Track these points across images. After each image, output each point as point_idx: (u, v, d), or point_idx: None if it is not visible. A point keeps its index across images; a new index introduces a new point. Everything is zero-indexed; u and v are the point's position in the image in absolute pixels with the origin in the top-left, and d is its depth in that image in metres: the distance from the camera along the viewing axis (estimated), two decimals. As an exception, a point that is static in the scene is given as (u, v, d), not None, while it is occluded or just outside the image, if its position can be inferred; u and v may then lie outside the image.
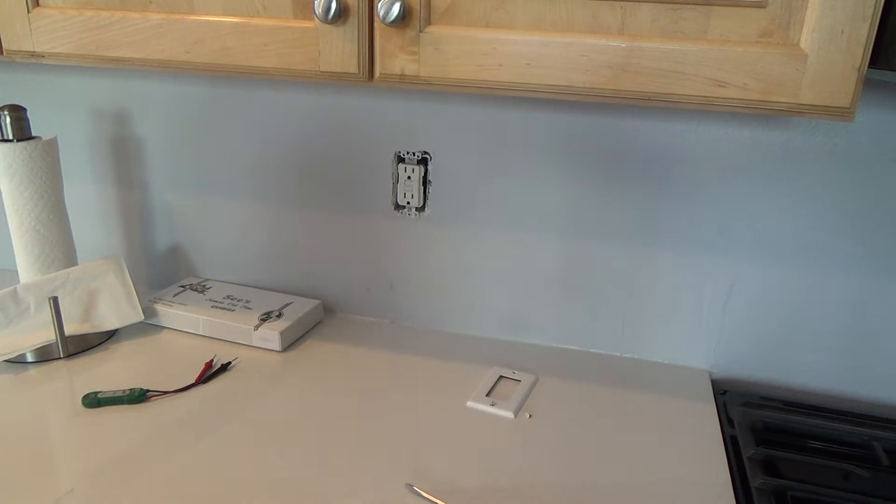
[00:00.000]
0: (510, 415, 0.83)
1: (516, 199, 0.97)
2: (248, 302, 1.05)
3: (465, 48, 0.62)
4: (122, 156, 1.11)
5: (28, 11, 0.72)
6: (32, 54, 0.74)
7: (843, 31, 0.53)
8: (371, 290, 1.08)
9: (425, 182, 1.00)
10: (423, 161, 0.99)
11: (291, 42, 0.66)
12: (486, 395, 0.87)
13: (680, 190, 0.90)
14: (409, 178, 1.00)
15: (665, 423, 0.84)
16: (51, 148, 0.94)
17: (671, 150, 0.89)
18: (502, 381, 0.91)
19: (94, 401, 0.84)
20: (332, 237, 1.06)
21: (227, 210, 1.09)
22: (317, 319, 1.07)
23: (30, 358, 0.94)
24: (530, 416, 0.84)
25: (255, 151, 1.05)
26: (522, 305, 1.01)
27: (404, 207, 1.02)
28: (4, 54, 0.74)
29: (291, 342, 1.00)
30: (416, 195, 1.01)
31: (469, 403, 0.86)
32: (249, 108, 1.03)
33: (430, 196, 1.01)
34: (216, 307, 1.02)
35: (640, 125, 0.89)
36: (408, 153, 1.00)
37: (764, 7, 0.55)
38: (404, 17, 0.62)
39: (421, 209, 1.02)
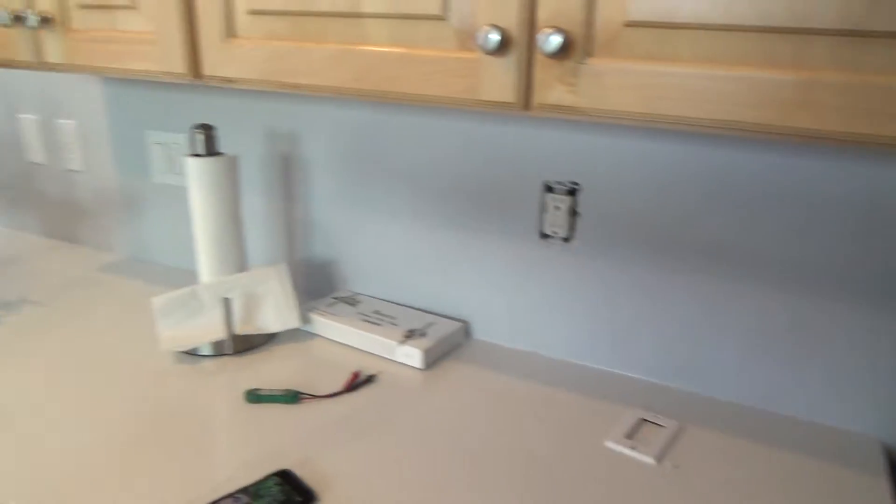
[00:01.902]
0: (651, 461, 0.79)
1: (669, 237, 0.93)
2: (394, 318, 1.09)
3: (625, 80, 0.61)
4: (290, 172, 1.20)
5: (224, 42, 0.80)
6: (225, 79, 0.82)
7: None
8: (513, 318, 1.08)
9: (573, 213, 0.99)
10: (572, 192, 0.98)
11: (454, 72, 0.69)
12: (627, 437, 0.84)
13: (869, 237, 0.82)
14: (556, 207, 1.00)
15: (828, 497, 0.76)
16: (233, 163, 1.04)
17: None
18: (644, 425, 0.87)
19: (254, 397, 0.91)
20: (478, 261, 1.08)
21: (381, 228, 1.15)
22: (459, 341, 1.08)
23: (203, 351, 1.04)
24: (676, 466, 0.79)
25: (410, 174, 1.09)
26: (668, 348, 0.97)
27: (550, 237, 1.02)
28: (203, 79, 0.84)
29: (433, 361, 1.02)
30: (563, 225, 1.00)
31: (608, 444, 0.83)
32: (406, 132, 1.07)
33: (577, 227, 0.99)
34: (365, 320, 1.07)
35: (822, 165, 0.82)
36: (557, 183, 0.99)
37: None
38: (565, 48, 0.62)
39: (567, 240, 1.00)
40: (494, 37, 0.64)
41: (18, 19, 0.91)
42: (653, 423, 0.87)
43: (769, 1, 0.54)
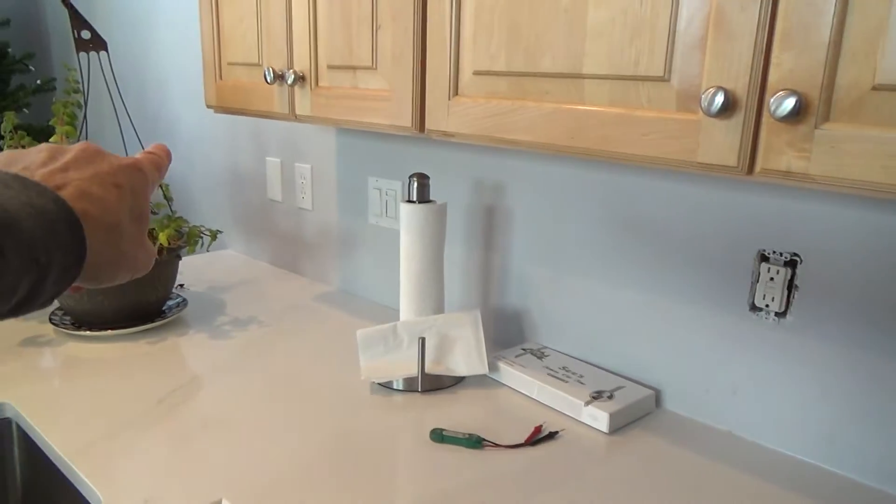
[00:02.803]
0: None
1: (910, 321, 0.81)
2: (581, 377, 1.07)
3: (867, 148, 0.56)
4: (492, 222, 1.25)
5: (449, 99, 0.87)
6: (446, 134, 0.89)
7: None
8: (710, 392, 1.01)
9: (790, 286, 0.91)
10: (792, 263, 0.91)
11: (671, 133, 0.68)
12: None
13: None
14: (771, 279, 0.92)
15: None
16: (442, 211, 1.11)
17: None
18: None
19: (439, 436, 0.94)
20: (677, 327, 1.03)
21: (575, 284, 1.14)
22: (647, 409, 1.03)
23: (396, 386, 1.10)
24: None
25: (609, 232, 1.08)
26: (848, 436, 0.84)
27: (761, 310, 0.94)
28: (425, 133, 0.91)
29: (619, 426, 0.98)
30: (777, 298, 0.92)
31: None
32: (608, 189, 1.07)
33: (794, 302, 0.91)
34: (551, 375, 1.07)
35: None
36: (773, 252, 0.92)
37: None
38: (799, 112, 0.59)
39: (782, 314, 0.92)
40: (720, 99, 0.62)
41: (278, 77, 1.06)
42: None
43: None
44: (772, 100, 0.59)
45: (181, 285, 1.53)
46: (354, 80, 0.98)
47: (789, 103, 0.59)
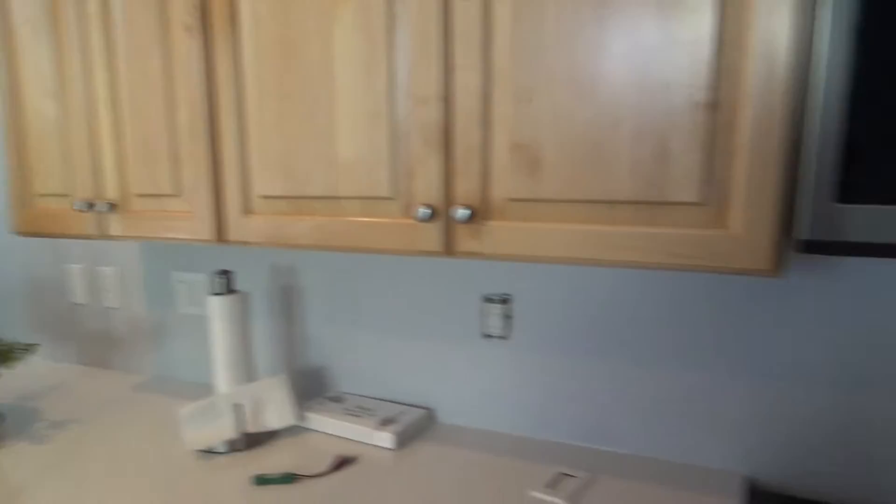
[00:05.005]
0: (564, 503, 1.07)
1: (584, 333, 1.24)
2: (372, 410, 1.38)
3: (511, 234, 0.95)
4: (290, 298, 1.52)
5: (244, 216, 1.15)
6: (243, 242, 1.16)
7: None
8: (469, 403, 1.37)
9: (507, 317, 1.31)
10: (505, 301, 1.31)
11: (400, 232, 1.02)
12: (548, 487, 1.11)
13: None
14: (493, 314, 1.32)
15: (692, 516, 1.04)
16: (246, 299, 1.36)
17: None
18: (563, 478, 1.15)
19: (260, 480, 1.18)
20: (438, 359, 1.38)
21: (360, 338, 1.46)
22: (425, 425, 1.37)
23: (221, 449, 1.31)
24: (580, 504, 1.07)
25: (378, 295, 1.42)
26: (585, 416, 1.26)
27: (491, 336, 1.33)
28: (226, 243, 1.17)
29: (404, 442, 1.30)
30: (499, 326, 1.32)
31: (533, 493, 1.10)
32: (373, 270, 1.41)
33: (512, 328, 1.31)
34: (349, 413, 1.36)
35: (687, 281, 1.16)
36: (492, 295, 1.32)
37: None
38: (471, 217, 0.97)
39: (505, 338, 1.32)
40: (426, 211, 0.98)
41: (90, 205, 1.25)
42: (570, 475, 1.15)
43: (602, 191, 0.89)
44: (455, 211, 0.96)
45: (-14, 399, 1.57)
46: (160, 204, 1.22)
47: (465, 213, 0.96)
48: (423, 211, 0.98)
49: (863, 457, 1.08)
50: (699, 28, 0.80)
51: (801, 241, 0.74)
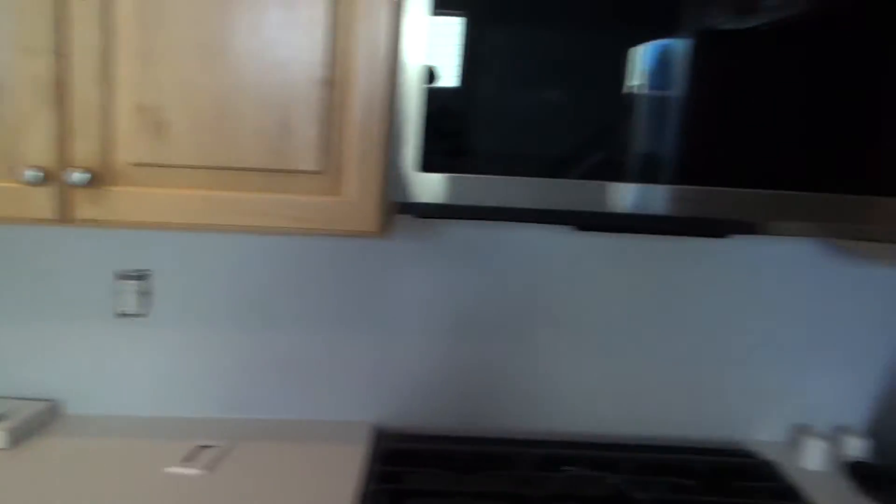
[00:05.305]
0: (200, 472, 1.08)
1: (226, 304, 1.25)
2: (-21, 410, 1.20)
3: (136, 201, 0.92)
4: None
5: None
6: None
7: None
8: (102, 389, 1.28)
9: (145, 294, 1.26)
10: (142, 276, 1.25)
11: (6, 197, 0.92)
12: (184, 461, 1.11)
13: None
14: (128, 291, 1.25)
15: (325, 462, 1.13)
16: None
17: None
18: (202, 450, 1.15)
19: None
20: (61, 344, 1.26)
21: (-38, 330, 1.25)
22: (46, 419, 1.23)
23: None
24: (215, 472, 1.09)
25: (-9, 278, 1.24)
26: (226, 389, 1.28)
27: (127, 315, 1.26)
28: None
29: (19, 439, 1.16)
30: (134, 304, 1.25)
31: (167, 469, 1.09)
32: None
33: (152, 305, 1.26)
34: (-54, 416, 1.16)
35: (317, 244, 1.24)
36: (128, 270, 1.25)
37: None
38: (90, 182, 0.91)
39: (142, 316, 1.26)
40: (36, 174, 0.90)
41: None
42: (208, 447, 1.16)
43: (230, 158, 0.92)
44: (72, 174, 0.90)
45: None
46: None
47: (84, 176, 0.90)
48: (31, 174, 0.90)
49: (475, 393, 1.30)
50: (315, 11, 0.89)
51: (396, 204, 0.88)
